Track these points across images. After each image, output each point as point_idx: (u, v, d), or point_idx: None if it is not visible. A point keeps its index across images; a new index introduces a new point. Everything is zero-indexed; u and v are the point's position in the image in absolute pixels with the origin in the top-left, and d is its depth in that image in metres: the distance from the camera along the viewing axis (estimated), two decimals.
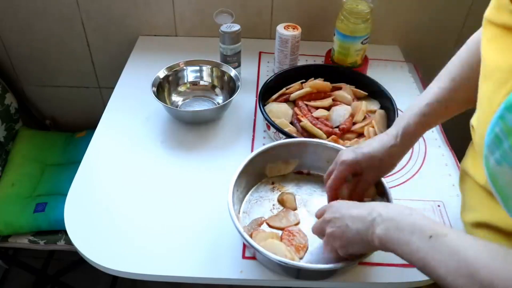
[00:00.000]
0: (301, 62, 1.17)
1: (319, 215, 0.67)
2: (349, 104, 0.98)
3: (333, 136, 0.90)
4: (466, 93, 0.62)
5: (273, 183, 0.84)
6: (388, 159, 0.68)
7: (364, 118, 0.96)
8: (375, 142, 0.69)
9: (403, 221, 0.53)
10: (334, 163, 0.71)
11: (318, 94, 1.00)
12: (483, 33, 0.52)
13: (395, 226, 0.53)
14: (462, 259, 0.45)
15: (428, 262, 0.49)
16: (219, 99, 1.07)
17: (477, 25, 0.71)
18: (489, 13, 0.51)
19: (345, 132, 0.92)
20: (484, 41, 0.52)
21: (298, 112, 0.95)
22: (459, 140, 0.75)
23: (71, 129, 1.41)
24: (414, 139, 0.68)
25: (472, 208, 0.63)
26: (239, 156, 0.80)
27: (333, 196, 0.71)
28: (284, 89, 1.02)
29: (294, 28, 1.06)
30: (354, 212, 0.59)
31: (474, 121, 0.58)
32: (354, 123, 0.94)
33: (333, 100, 0.99)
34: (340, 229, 0.60)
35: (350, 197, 0.72)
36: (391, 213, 0.55)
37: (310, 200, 0.81)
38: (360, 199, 0.72)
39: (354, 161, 0.68)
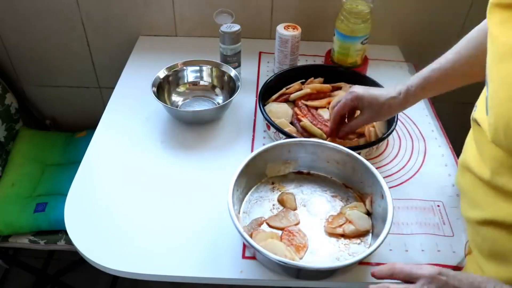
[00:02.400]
0: (301, 62, 1.17)
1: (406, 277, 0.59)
2: None
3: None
4: (469, 68, 0.70)
5: (273, 183, 0.84)
6: (387, 107, 0.78)
7: None
8: (383, 90, 0.81)
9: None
10: (344, 96, 0.82)
11: (318, 94, 1.00)
12: (490, 19, 0.52)
13: None
14: None
15: None
16: (219, 99, 1.07)
17: (477, 25, 0.71)
18: None
19: None
20: (493, 26, 0.52)
21: (298, 112, 0.95)
22: (458, 140, 0.75)
23: (71, 129, 1.41)
24: (413, 100, 0.77)
25: (476, 204, 0.61)
26: (239, 156, 0.81)
27: (338, 120, 0.84)
28: (284, 89, 1.02)
29: (294, 28, 1.06)
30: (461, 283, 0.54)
31: (477, 114, 0.59)
32: None
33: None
34: None
35: (344, 130, 0.86)
36: None
37: (310, 200, 0.81)
38: (351, 132, 0.87)
39: (361, 95, 0.79)
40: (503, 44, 0.49)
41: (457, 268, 0.73)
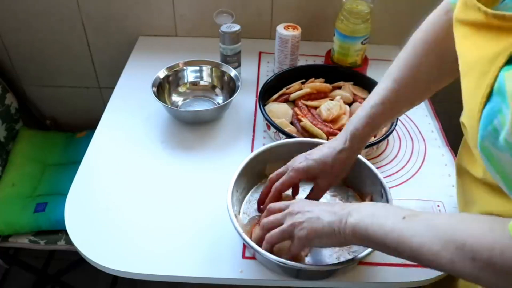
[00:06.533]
0: (301, 62, 1.17)
1: (276, 210, 0.65)
2: (349, 102, 0.98)
3: (332, 136, 0.90)
4: (410, 93, 0.66)
5: None
6: (338, 164, 0.69)
7: None
8: (325, 148, 0.70)
9: (377, 209, 0.56)
10: (285, 167, 0.72)
11: (318, 94, 1.00)
12: (456, 32, 0.52)
13: (369, 214, 0.55)
14: (438, 228, 0.48)
15: (403, 239, 0.50)
16: (219, 99, 1.07)
17: None
18: (457, 13, 0.51)
19: None
20: (458, 40, 0.51)
21: (298, 112, 0.95)
22: (458, 140, 0.75)
23: (71, 129, 1.41)
24: (362, 142, 0.69)
25: (473, 202, 0.63)
26: (239, 156, 0.81)
27: (276, 197, 0.71)
28: (284, 89, 1.02)
29: (294, 28, 1.06)
30: (327, 207, 0.61)
31: (464, 118, 0.57)
32: None
33: (332, 100, 0.99)
34: (310, 221, 0.59)
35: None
36: (365, 205, 0.57)
37: None
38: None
39: (306, 168, 0.69)
40: (464, 62, 0.50)
41: None
